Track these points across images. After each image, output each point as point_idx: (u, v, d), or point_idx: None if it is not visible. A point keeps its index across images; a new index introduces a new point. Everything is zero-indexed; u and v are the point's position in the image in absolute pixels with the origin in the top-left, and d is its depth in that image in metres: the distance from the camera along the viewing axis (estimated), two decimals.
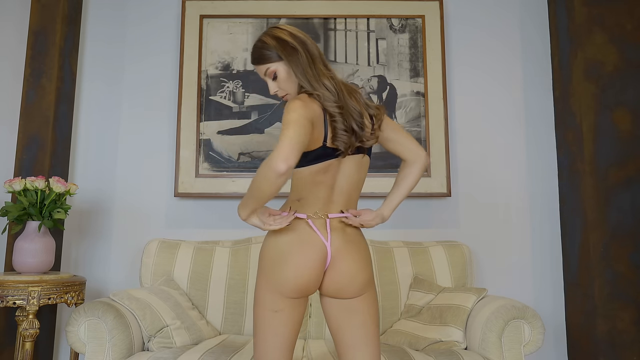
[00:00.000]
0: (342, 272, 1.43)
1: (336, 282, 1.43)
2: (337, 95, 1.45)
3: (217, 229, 2.77)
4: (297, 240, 1.42)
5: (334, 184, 1.47)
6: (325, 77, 1.46)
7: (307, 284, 1.41)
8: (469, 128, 2.88)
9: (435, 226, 2.80)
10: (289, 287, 1.40)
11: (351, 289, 1.44)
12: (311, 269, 1.41)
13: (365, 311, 1.46)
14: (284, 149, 1.25)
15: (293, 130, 1.29)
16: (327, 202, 1.46)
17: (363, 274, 1.45)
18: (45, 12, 2.69)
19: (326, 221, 1.44)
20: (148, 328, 2.05)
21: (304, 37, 1.52)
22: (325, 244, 1.42)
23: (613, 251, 2.45)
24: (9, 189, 2.26)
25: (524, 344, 1.98)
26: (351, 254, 1.44)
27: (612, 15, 2.61)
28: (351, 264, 1.44)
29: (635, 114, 2.55)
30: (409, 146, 1.58)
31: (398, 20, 2.90)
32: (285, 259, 1.41)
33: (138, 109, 2.88)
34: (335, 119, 1.43)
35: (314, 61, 1.48)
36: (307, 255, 1.41)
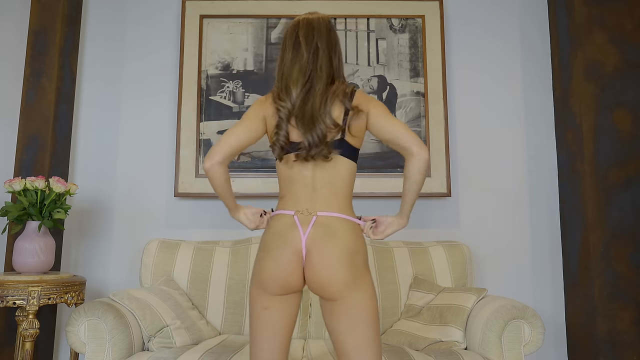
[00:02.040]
0: (317, 266, 1.39)
1: (314, 276, 1.40)
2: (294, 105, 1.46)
3: (217, 229, 2.77)
4: (275, 235, 1.44)
5: (309, 182, 1.47)
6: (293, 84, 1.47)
7: (286, 279, 1.41)
8: (469, 128, 2.88)
9: (435, 226, 2.80)
10: (270, 282, 1.42)
11: (333, 287, 1.38)
12: (286, 263, 1.40)
13: (352, 315, 1.38)
14: (214, 147, 1.49)
15: (233, 128, 1.50)
16: (307, 200, 1.46)
17: (345, 273, 1.38)
18: (45, 12, 2.69)
19: (312, 218, 1.43)
20: (148, 328, 2.05)
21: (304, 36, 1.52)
22: (301, 237, 1.41)
23: (613, 251, 2.45)
24: (9, 189, 2.26)
25: (524, 344, 1.98)
26: (328, 248, 1.39)
27: (612, 15, 2.61)
28: (327, 259, 1.39)
29: (635, 114, 2.55)
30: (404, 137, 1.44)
31: (398, 20, 2.90)
32: (264, 255, 1.44)
33: (138, 109, 2.88)
34: (280, 125, 1.47)
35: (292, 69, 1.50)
36: (282, 248, 1.41)
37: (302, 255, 1.41)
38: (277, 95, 1.50)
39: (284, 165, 1.51)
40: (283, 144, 1.47)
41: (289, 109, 1.47)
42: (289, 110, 1.47)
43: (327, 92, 1.47)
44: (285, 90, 1.48)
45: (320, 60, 1.49)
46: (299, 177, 1.48)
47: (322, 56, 1.50)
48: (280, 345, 1.45)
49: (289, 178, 1.50)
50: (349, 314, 1.39)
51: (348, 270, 1.39)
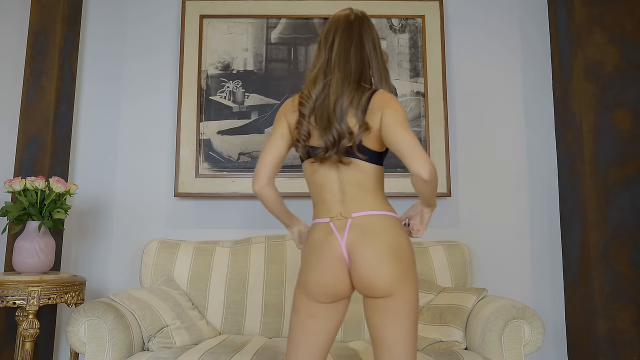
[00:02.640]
0: (361, 268, 1.37)
1: (361, 279, 1.38)
2: (319, 101, 1.46)
3: (217, 229, 2.77)
4: (315, 246, 1.43)
5: (336, 185, 1.45)
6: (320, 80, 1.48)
7: (333, 288, 1.40)
8: (469, 128, 2.88)
9: (435, 226, 2.80)
10: (317, 292, 1.41)
11: (378, 286, 1.36)
12: (330, 272, 1.39)
13: (395, 312, 1.38)
14: (255, 171, 1.53)
15: (265, 146, 1.53)
16: (338, 204, 1.44)
17: (389, 270, 1.36)
18: (45, 12, 2.69)
19: (347, 221, 1.41)
20: (148, 328, 2.05)
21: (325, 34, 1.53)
22: (340, 243, 1.39)
23: (613, 251, 2.45)
24: (9, 189, 2.26)
25: (524, 344, 1.98)
26: (368, 249, 1.37)
27: (612, 15, 2.61)
28: (370, 258, 1.37)
29: (635, 114, 2.55)
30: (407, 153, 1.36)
31: (398, 20, 2.90)
32: (307, 267, 1.44)
33: (138, 109, 2.88)
34: (301, 121, 1.47)
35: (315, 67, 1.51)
36: (323, 258, 1.40)
37: (345, 260, 1.39)
38: (303, 95, 1.50)
39: (309, 170, 1.50)
40: (304, 139, 1.46)
41: (310, 107, 1.46)
42: (310, 108, 1.46)
43: (343, 91, 1.43)
44: (308, 89, 1.49)
45: (335, 57, 1.48)
46: (324, 181, 1.46)
47: (337, 52, 1.48)
48: (321, 353, 1.44)
49: (315, 183, 1.48)
50: (394, 310, 1.38)
51: (393, 267, 1.37)
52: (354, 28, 1.51)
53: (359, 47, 1.49)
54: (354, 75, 1.46)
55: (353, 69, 1.46)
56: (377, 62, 1.51)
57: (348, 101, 1.42)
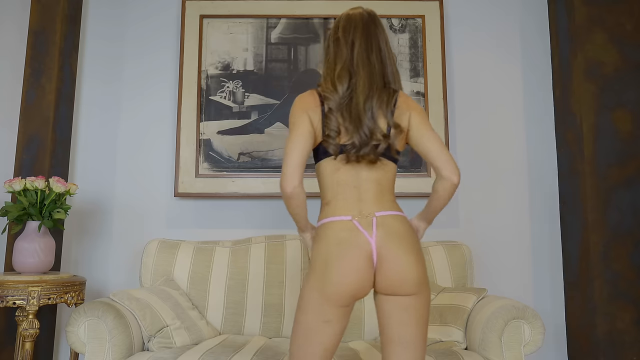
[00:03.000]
0: (391, 268, 1.37)
1: (388, 279, 1.38)
2: (345, 99, 1.44)
3: (217, 229, 2.77)
4: (338, 243, 1.38)
5: (358, 183, 1.45)
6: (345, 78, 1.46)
7: (358, 286, 1.37)
8: (469, 128, 2.88)
9: (435, 226, 2.80)
10: (340, 293, 1.36)
11: (406, 285, 1.38)
12: (359, 271, 1.37)
13: (417, 310, 1.40)
14: (285, 170, 1.41)
15: (291, 143, 1.43)
16: (358, 202, 1.43)
17: (416, 270, 1.38)
18: (45, 12, 2.69)
19: (373, 220, 1.41)
20: (148, 328, 2.05)
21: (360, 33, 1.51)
22: (369, 242, 1.38)
23: (613, 251, 2.45)
24: (9, 189, 2.26)
25: (524, 344, 1.98)
26: (399, 248, 1.38)
27: (612, 15, 2.61)
28: (400, 258, 1.37)
29: (635, 114, 2.55)
30: (438, 156, 1.44)
31: (398, 20, 2.90)
32: (330, 266, 1.37)
33: (138, 109, 2.88)
34: (330, 116, 1.44)
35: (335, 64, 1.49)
36: (350, 256, 1.37)
37: (373, 259, 1.38)
38: (324, 91, 1.48)
39: (329, 168, 1.47)
40: (335, 135, 1.43)
41: (337, 102, 1.44)
42: (337, 103, 1.44)
43: (372, 94, 1.44)
44: (332, 87, 1.47)
45: (357, 57, 1.48)
46: (346, 179, 1.45)
47: (358, 52, 1.48)
48: (329, 355, 1.43)
49: (335, 181, 1.46)
50: (417, 308, 1.40)
51: (420, 266, 1.40)
52: (371, 29, 1.52)
53: (378, 48, 1.51)
54: (379, 77, 1.48)
55: (377, 70, 1.48)
56: (391, 62, 1.53)
57: (378, 103, 1.44)
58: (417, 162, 2.77)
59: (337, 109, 1.45)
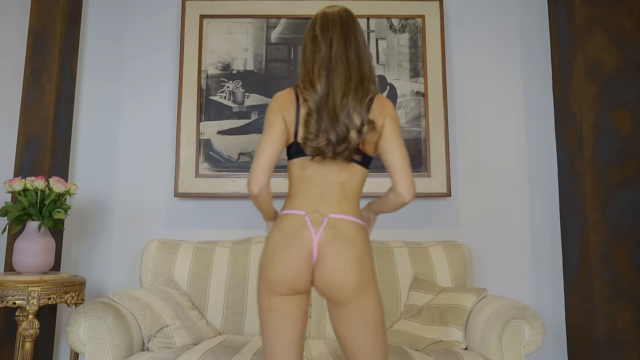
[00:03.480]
0: (329, 269, 1.37)
1: (325, 279, 1.38)
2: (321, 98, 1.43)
3: (217, 229, 2.77)
4: (285, 235, 1.42)
5: (322, 183, 1.45)
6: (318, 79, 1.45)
7: (294, 279, 1.39)
8: (469, 128, 2.88)
9: (435, 226, 2.80)
10: (277, 282, 1.39)
11: (343, 291, 1.38)
12: (296, 264, 1.38)
13: (359, 320, 1.39)
14: (254, 170, 1.42)
15: (263, 144, 1.43)
16: (318, 201, 1.44)
17: (356, 275, 1.38)
18: (45, 12, 2.69)
19: (324, 219, 1.41)
20: (148, 328, 2.05)
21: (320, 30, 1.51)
22: (312, 240, 1.39)
23: (613, 251, 2.45)
24: (9, 189, 2.26)
25: (524, 344, 1.98)
26: (340, 251, 1.38)
27: (612, 15, 2.61)
28: (339, 261, 1.37)
29: (635, 114, 2.55)
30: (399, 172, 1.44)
31: (398, 20, 2.90)
32: (273, 255, 1.41)
33: (138, 109, 2.88)
34: (309, 119, 1.43)
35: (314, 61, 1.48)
36: (293, 249, 1.39)
37: (313, 256, 1.39)
38: (303, 89, 1.47)
39: (298, 166, 1.48)
40: (313, 137, 1.42)
41: (317, 102, 1.43)
42: (317, 102, 1.43)
43: (348, 91, 1.43)
44: (310, 85, 1.46)
45: (335, 55, 1.47)
46: (312, 177, 1.45)
47: (337, 49, 1.47)
48: (291, 345, 1.44)
49: (301, 178, 1.47)
50: (356, 318, 1.39)
51: (358, 274, 1.38)
52: (349, 26, 1.51)
53: (356, 44, 1.50)
54: (356, 73, 1.47)
55: (355, 67, 1.47)
56: (368, 61, 1.52)
57: (354, 100, 1.43)
58: (417, 162, 2.77)
59: (316, 109, 1.43)
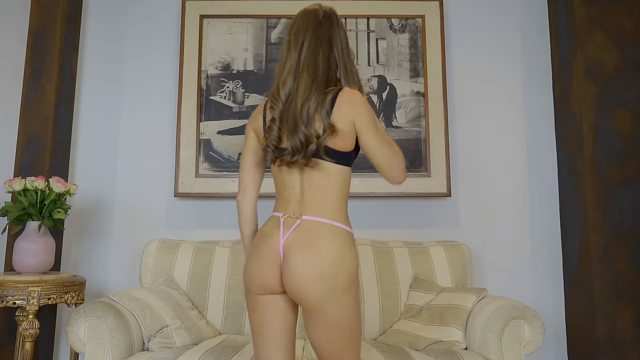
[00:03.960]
0: (291, 273, 1.34)
1: (288, 283, 1.36)
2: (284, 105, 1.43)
3: (217, 229, 2.77)
4: (261, 236, 1.45)
5: (298, 185, 1.44)
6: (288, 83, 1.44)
7: (263, 280, 1.40)
8: (469, 128, 2.88)
9: (435, 226, 2.80)
10: (250, 281, 1.43)
11: (308, 297, 1.32)
12: (264, 264, 1.40)
13: (327, 327, 1.34)
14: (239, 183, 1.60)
15: (241, 161, 1.58)
16: (297, 204, 1.43)
17: (318, 286, 1.31)
18: (45, 12, 2.69)
19: (296, 221, 1.39)
20: (148, 328, 2.05)
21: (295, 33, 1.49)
22: (280, 240, 1.39)
23: (613, 251, 2.45)
24: (9, 189, 2.26)
25: (524, 344, 1.98)
26: (304, 256, 1.33)
27: (612, 15, 2.61)
28: (302, 267, 1.33)
29: (635, 114, 2.55)
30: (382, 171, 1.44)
31: (398, 20, 2.90)
32: (249, 255, 1.47)
33: (138, 109, 2.88)
34: (272, 126, 1.43)
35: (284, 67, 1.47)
36: (263, 250, 1.41)
37: (280, 258, 1.38)
38: (272, 96, 1.47)
39: (275, 169, 1.49)
40: (273, 144, 1.43)
41: (280, 109, 1.42)
42: (280, 110, 1.42)
43: (310, 96, 1.39)
44: (277, 94, 1.45)
45: (304, 60, 1.44)
46: (288, 181, 1.46)
47: (306, 54, 1.44)
48: (278, 344, 1.41)
49: (279, 181, 1.49)
50: (324, 326, 1.35)
51: (323, 283, 1.31)
52: (323, 28, 1.48)
53: (327, 48, 1.47)
54: (321, 78, 1.42)
55: (321, 72, 1.43)
56: (344, 62, 1.49)
57: (314, 105, 1.38)
58: (417, 162, 2.77)
59: (279, 117, 1.42)
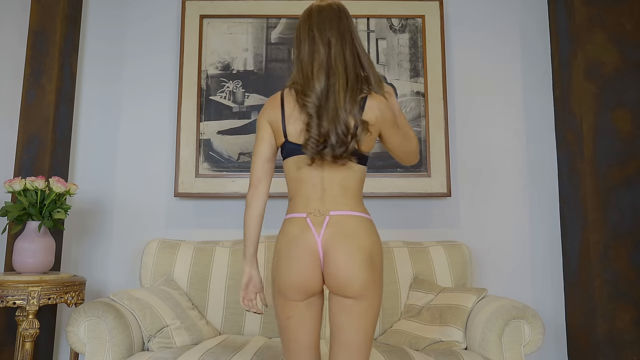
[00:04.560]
0: (336, 267, 1.38)
1: (334, 278, 1.38)
2: (320, 100, 1.41)
3: (217, 229, 2.77)
4: (290, 240, 1.43)
5: (319, 182, 1.44)
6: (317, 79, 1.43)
7: (305, 283, 1.40)
8: (469, 128, 2.88)
9: (435, 226, 2.80)
10: (289, 289, 1.41)
11: (350, 287, 1.37)
12: (304, 267, 1.39)
13: (359, 314, 1.40)
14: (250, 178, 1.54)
15: (253, 155, 1.53)
16: (318, 201, 1.43)
17: (364, 273, 1.38)
18: (45, 12, 2.69)
19: (325, 218, 1.41)
20: (148, 328, 2.05)
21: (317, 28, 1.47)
22: (316, 240, 1.39)
23: (613, 251, 2.45)
24: (9, 189, 2.26)
25: (524, 344, 1.98)
26: (345, 248, 1.38)
27: (612, 15, 2.61)
28: (343, 258, 1.37)
29: (635, 114, 2.55)
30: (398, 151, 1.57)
31: (398, 20, 2.90)
32: (280, 262, 1.43)
33: (138, 109, 2.88)
34: (310, 123, 1.41)
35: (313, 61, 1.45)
36: (299, 254, 1.40)
37: (319, 257, 1.39)
38: (301, 91, 1.44)
39: (293, 166, 1.47)
40: (315, 141, 1.39)
41: (316, 105, 1.41)
42: (316, 105, 1.41)
43: (347, 94, 1.41)
44: (309, 89, 1.42)
45: (334, 55, 1.44)
46: (309, 177, 1.45)
47: (335, 50, 1.45)
48: (310, 346, 1.46)
49: (297, 179, 1.47)
50: (360, 312, 1.39)
51: (367, 269, 1.38)
52: (343, 23, 1.49)
53: (351, 43, 1.48)
54: (352, 74, 1.45)
55: (351, 67, 1.45)
56: (364, 54, 1.51)
57: (350, 105, 1.41)
58: (417, 162, 2.77)
59: (316, 113, 1.41)
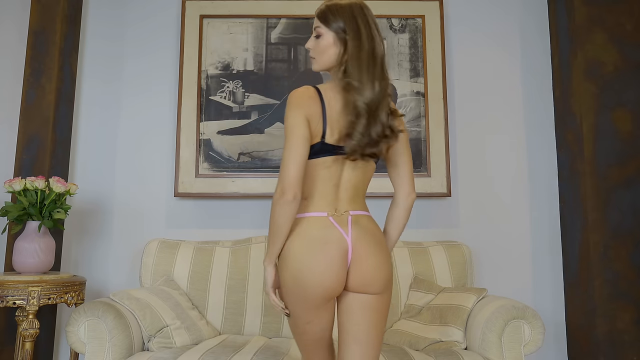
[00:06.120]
0: (365, 265, 1.39)
1: (361, 277, 1.39)
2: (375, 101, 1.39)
3: (217, 229, 2.77)
4: (314, 240, 1.38)
5: (339, 181, 1.45)
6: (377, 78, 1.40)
7: (333, 284, 1.36)
8: (469, 128, 2.88)
9: (435, 226, 2.80)
10: (315, 292, 1.36)
11: (376, 284, 1.40)
12: (334, 267, 1.36)
13: (378, 309, 1.43)
14: (283, 183, 1.34)
15: (290, 152, 1.34)
16: (335, 200, 1.43)
17: (386, 269, 1.42)
18: (45, 12, 2.69)
19: (348, 218, 1.42)
20: (148, 328, 2.05)
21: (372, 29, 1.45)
22: (346, 239, 1.38)
23: (613, 251, 2.45)
24: (9, 189, 2.26)
25: (524, 344, 1.98)
26: (372, 246, 1.41)
27: (612, 15, 2.61)
28: (374, 256, 1.40)
29: (635, 114, 2.55)
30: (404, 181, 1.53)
31: (398, 20, 2.90)
32: (304, 264, 1.36)
33: (138, 109, 2.88)
34: (360, 120, 1.37)
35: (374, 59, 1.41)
36: (328, 253, 1.36)
37: (348, 256, 1.38)
38: (354, 88, 1.38)
39: (321, 164, 1.42)
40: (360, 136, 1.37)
41: (370, 99, 1.37)
42: (370, 101, 1.37)
43: (384, 88, 1.40)
44: (370, 86, 1.38)
45: (378, 53, 1.42)
46: (331, 176, 1.43)
47: (377, 47, 1.43)
48: (328, 346, 1.51)
49: (319, 177, 1.42)
50: (380, 307, 1.43)
51: (390, 266, 1.44)
52: (373, 21, 1.47)
53: (381, 41, 1.47)
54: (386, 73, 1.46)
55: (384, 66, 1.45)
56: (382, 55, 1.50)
57: (387, 107, 1.43)
58: (417, 162, 2.77)
59: (367, 109, 1.37)
